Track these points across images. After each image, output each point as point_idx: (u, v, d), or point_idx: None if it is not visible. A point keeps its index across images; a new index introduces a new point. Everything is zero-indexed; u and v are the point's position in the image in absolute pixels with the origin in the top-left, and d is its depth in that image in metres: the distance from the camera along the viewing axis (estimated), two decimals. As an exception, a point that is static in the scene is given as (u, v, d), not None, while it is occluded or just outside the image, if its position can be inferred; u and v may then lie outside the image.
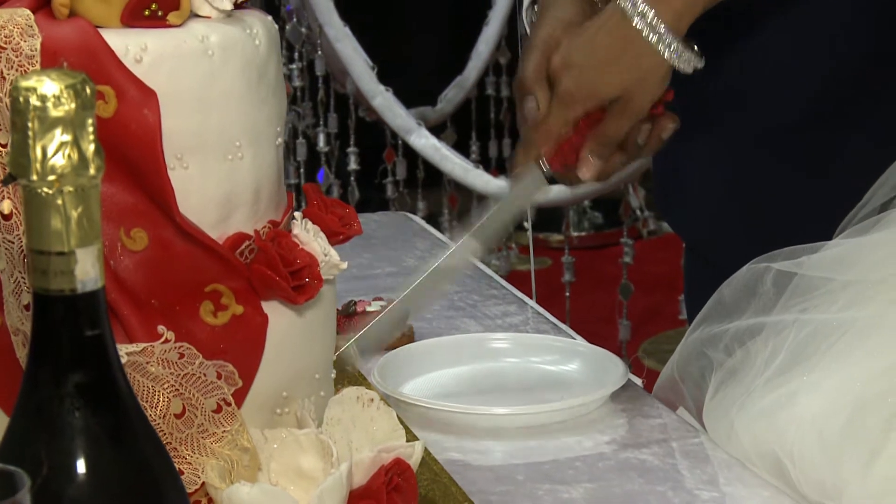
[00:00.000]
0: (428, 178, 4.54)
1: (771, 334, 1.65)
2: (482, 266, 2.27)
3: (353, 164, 4.58)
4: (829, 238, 1.70)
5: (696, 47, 1.69)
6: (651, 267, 4.26)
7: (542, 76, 1.71)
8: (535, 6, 1.82)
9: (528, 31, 1.83)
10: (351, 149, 4.57)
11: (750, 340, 1.67)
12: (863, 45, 1.88)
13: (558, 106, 1.70)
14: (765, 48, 1.88)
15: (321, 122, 4.60)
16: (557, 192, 3.82)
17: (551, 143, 1.71)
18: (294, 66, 4.53)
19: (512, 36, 4.47)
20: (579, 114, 1.70)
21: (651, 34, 1.66)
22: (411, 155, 4.45)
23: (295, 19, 4.46)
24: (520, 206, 1.79)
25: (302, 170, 4.58)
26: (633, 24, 1.66)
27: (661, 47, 1.66)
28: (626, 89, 1.69)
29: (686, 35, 1.70)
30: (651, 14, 1.65)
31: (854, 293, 1.62)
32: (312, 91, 4.59)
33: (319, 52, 4.46)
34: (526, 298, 2.17)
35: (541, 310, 2.13)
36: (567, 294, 4.08)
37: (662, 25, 1.66)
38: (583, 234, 5.34)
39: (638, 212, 4.51)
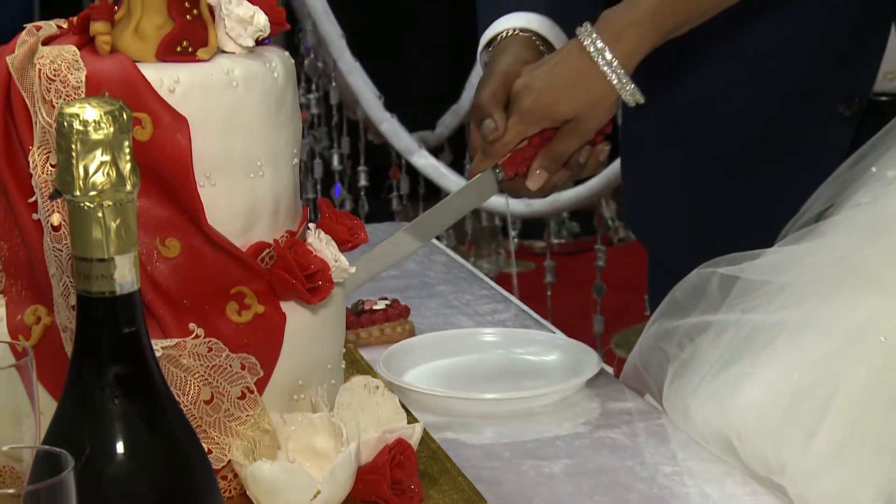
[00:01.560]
0: (428, 193, 4.53)
1: (717, 331, 1.64)
2: (474, 269, 2.26)
3: (363, 181, 4.59)
4: (771, 245, 1.70)
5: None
6: (621, 270, 4.26)
7: (498, 101, 1.73)
8: (489, 49, 1.83)
9: (482, 69, 1.84)
10: (361, 168, 4.57)
11: (698, 336, 1.67)
12: (801, 77, 1.86)
13: (518, 122, 1.72)
14: (714, 80, 1.87)
15: (335, 145, 4.60)
16: (539, 204, 3.83)
17: (507, 154, 1.72)
18: (311, 95, 4.53)
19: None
20: (535, 131, 1.72)
21: (606, 68, 1.68)
22: (413, 173, 4.45)
23: (312, 55, 4.46)
24: (472, 202, 1.80)
25: (318, 186, 4.59)
26: (591, 58, 1.68)
27: (613, 80, 1.69)
28: (579, 113, 1.71)
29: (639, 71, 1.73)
30: (607, 51, 1.68)
31: (789, 295, 1.61)
32: (327, 118, 4.59)
33: (333, 84, 4.46)
34: (512, 297, 2.16)
35: (525, 307, 2.12)
36: (548, 293, 4.08)
37: (616, 61, 1.68)
38: (562, 241, 5.35)
39: (610, 222, 4.51)
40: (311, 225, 1.56)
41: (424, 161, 4.31)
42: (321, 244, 1.52)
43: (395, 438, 1.44)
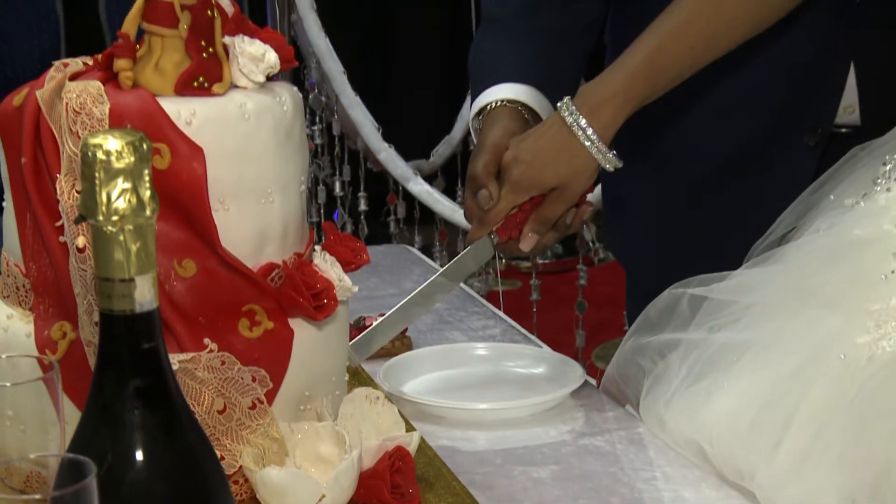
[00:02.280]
0: (423, 217, 4.53)
1: (686, 348, 1.64)
2: (466, 288, 2.26)
3: (362, 206, 4.59)
4: (741, 265, 1.70)
5: (615, 152, 1.72)
6: (601, 288, 4.24)
7: (490, 172, 1.74)
8: (480, 117, 1.84)
9: (474, 136, 1.85)
10: (361, 193, 4.57)
11: (669, 353, 1.67)
12: (769, 111, 1.86)
13: (509, 192, 1.73)
14: (687, 115, 1.87)
15: (337, 172, 4.60)
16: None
17: (501, 221, 1.73)
18: (316, 127, 4.53)
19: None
20: (525, 199, 1.73)
21: (586, 141, 1.70)
22: (409, 198, 4.45)
23: (316, 90, 4.46)
24: (471, 266, 1.81)
25: (322, 210, 4.59)
26: (572, 132, 1.69)
27: (593, 151, 1.70)
28: (564, 182, 1.72)
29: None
30: (586, 125, 1.69)
31: (754, 314, 1.62)
32: (330, 147, 4.59)
33: (336, 117, 4.46)
34: (502, 314, 2.16)
35: (513, 323, 2.12)
36: (534, 310, 4.07)
37: (595, 134, 1.69)
38: (547, 261, 5.35)
39: (591, 244, 4.50)
40: (316, 247, 1.56)
41: (419, 188, 4.31)
42: (326, 265, 1.53)
43: (395, 446, 1.43)
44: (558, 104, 1.72)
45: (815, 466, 1.45)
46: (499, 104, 1.82)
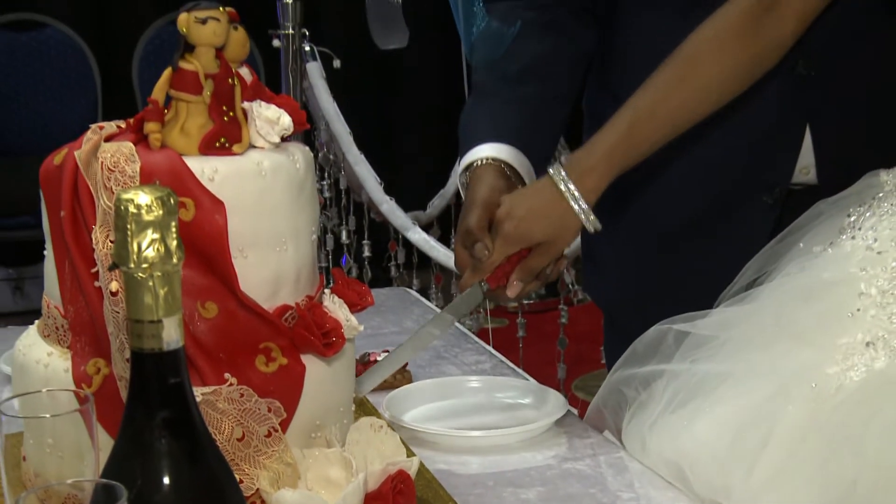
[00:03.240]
0: (420, 263, 4.53)
1: (669, 378, 1.64)
2: (459, 326, 2.25)
3: (366, 252, 4.60)
4: (708, 308, 1.70)
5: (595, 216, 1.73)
6: (580, 326, 4.24)
7: (483, 227, 1.73)
8: (467, 173, 1.83)
9: (461, 189, 1.85)
10: (365, 241, 4.58)
11: (654, 382, 1.65)
12: (732, 173, 1.87)
13: (501, 244, 1.72)
14: (658, 176, 1.87)
15: (344, 222, 4.61)
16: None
17: (491, 271, 1.73)
18: (325, 182, 4.54)
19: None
20: (515, 251, 1.73)
21: (573, 203, 1.70)
22: (408, 246, 4.45)
23: (325, 149, 4.47)
24: (463, 310, 1.79)
25: (330, 256, 4.60)
26: (562, 194, 1.70)
27: (578, 213, 1.70)
28: (550, 237, 1.72)
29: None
30: (574, 189, 1.69)
31: (733, 348, 1.61)
32: (337, 200, 4.61)
33: (343, 173, 4.47)
34: (492, 350, 2.15)
35: (502, 358, 2.11)
36: (521, 346, 4.07)
37: (581, 198, 1.70)
38: (531, 301, 5.35)
39: (570, 286, 4.51)
40: (326, 290, 1.56)
41: (417, 236, 4.31)
42: (335, 306, 1.53)
43: (397, 469, 1.42)
44: (550, 170, 1.72)
45: (788, 483, 1.45)
46: (484, 162, 1.82)
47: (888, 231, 1.57)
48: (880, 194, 1.63)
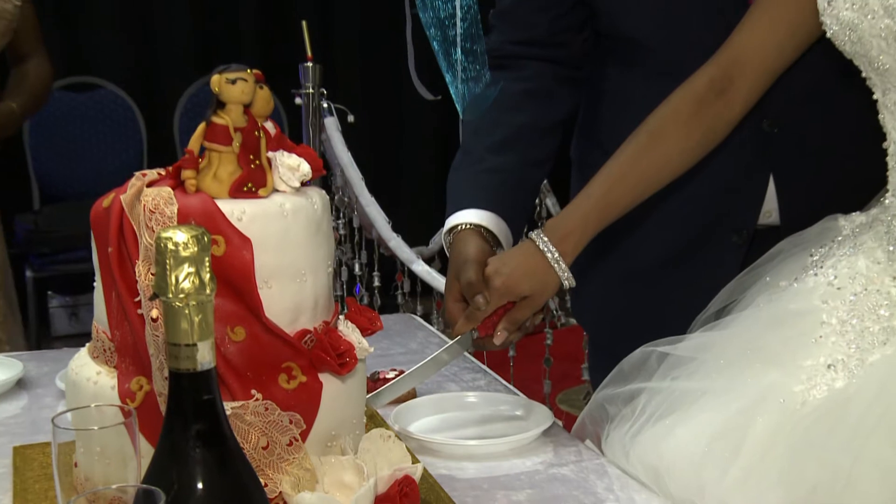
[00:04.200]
0: (423, 291, 4.51)
1: (650, 394, 1.63)
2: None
3: (376, 282, 4.58)
4: (682, 334, 1.70)
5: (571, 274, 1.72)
6: (563, 347, 4.23)
7: (482, 281, 1.72)
8: (450, 235, 1.83)
9: (446, 248, 1.84)
10: (375, 273, 4.57)
11: (636, 398, 1.64)
12: (704, 217, 1.87)
13: (494, 296, 1.70)
14: (637, 219, 1.86)
15: (356, 256, 4.60)
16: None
17: (482, 320, 1.71)
18: (340, 221, 4.53)
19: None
20: (502, 304, 1.71)
21: (553, 263, 1.69)
22: (413, 277, 4.44)
23: (340, 193, 4.47)
24: (455, 354, 1.78)
25: (344, 286, 4.59)
26: (544, 256, 1.69)
27: (558, 271, 1.69)
28: (533, 292, 1.70)
29: None
30: (554, 251, 1.69)
31: (709, 367, 1.61)
32: (351, 237, 4.60)
33: (355, 213, 4.46)
34: (486, 368, 2.14)
35: (496, 376, 2.10)
36: (511, 364, 4.05)
37: (560, 259, 1.69)
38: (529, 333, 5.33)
39: (555, 311, 4.49)
40: (341, 316, 1.55)
41: (421, 268, 4.29)
42: (348, 330, 1.52)
43: (403, 475, 1.41)
44: (532, 235, 1.72)
45: (756, 486, 1.44)
46: (466, 227, 1.81)
47: (846, 270, 1.58)
48: (839, 238, 1.64)
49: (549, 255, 1.69)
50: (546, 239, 1.70)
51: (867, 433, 1.39)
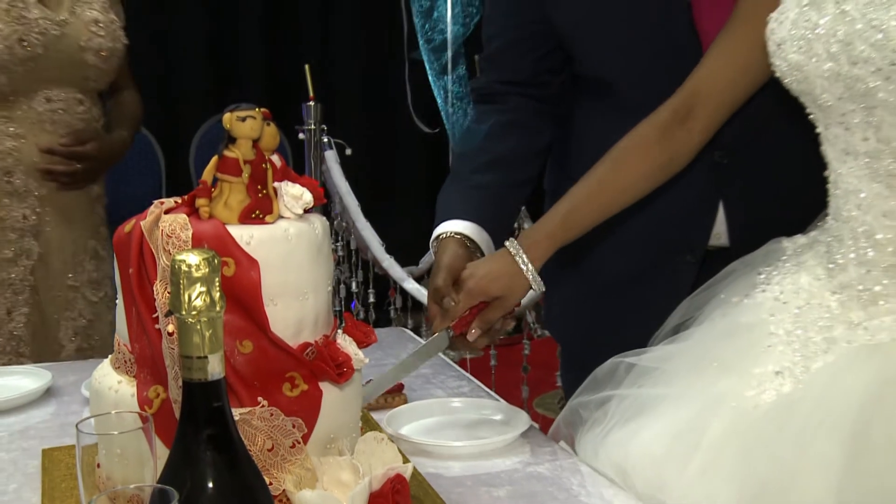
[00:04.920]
0: (414, 307, 4.51)
1: (620, 399, 1.63)
2: (445, 357, 2.22)
3: (371, 299, 4.58)
4: (643, 346, 1.70)
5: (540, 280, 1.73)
6: (539, 356, 4.23)
7: (450, 284, 1.73)
8: (436, 242, 1.84)
9: (433, 253, 1.84)
10: (370, 290, 4.57)
11: (606, 404, 1.64)
12: (661, 238, 1.87)
13: (465, 297, 1.72)
14: (599, 240, 1.87)
15: (353, 276, 4.60)
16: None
17: (457, 319, 1.72)
18: (338, 243, 4.54)
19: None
20: (475, 303, 1.72)
21: (524, 267, 1.70)
22: (405, 294, 4.43)
23: (339, 218, 4.46)
24: (433, 352, 1.78)
25: (342, 302, 4.59)
26: (515, 261, 1.71)
27: (528, 275, 1.71)
28: (504, 294, 1.72)
29: None
30: (525, 256, 1.71)
31: (671, 375, 1.61)
32: (348, 258, 4.60)
33: (353, 236, 4.46)
34: (469, 376, 2.13)
35: (478, 383, 2.09)
36: (493, 372, 4.05)
37: (530, 264, 1.71)
38: (501, 337, 5.33)
39: (532, 325, 4.49)
40: (339, 330, 1.54)
41: (411, 285, 4.30)
42: (346, 343, 1.51)
43: (395, 473, 1.40)
44: (506, 242, 1.73)
45: (713, 480, 1.43)
46: (450, 234, 1.82)
47: (791, 286, 1.58)
48: (784, 257, 1.65)
49: (519, 260, 1.70)
50: (518, 245, 1.71)
51: (812, 433, 1.39)
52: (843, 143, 1.49)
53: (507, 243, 1.73)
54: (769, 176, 1.82)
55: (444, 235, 1.82)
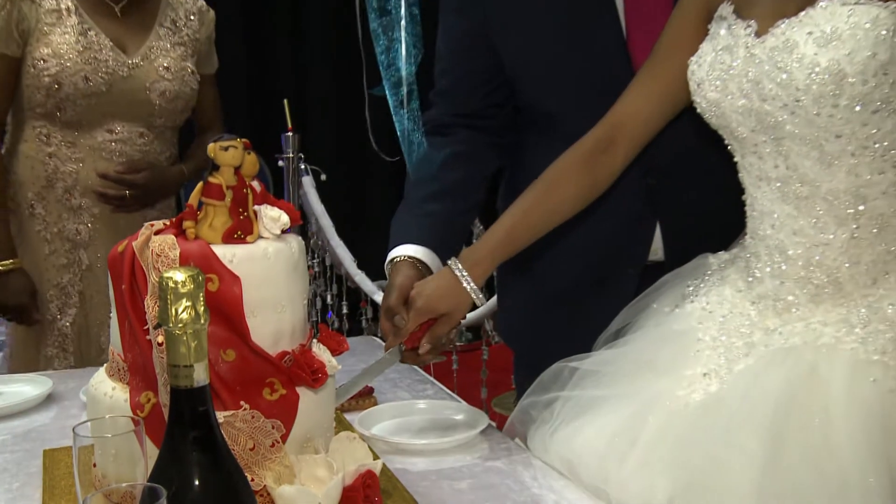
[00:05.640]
0: (383, 317, 4.50)
1: (565, 400, 1.63)
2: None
3: (345, 310, 4.56)
4: (588, 350, 1.70)
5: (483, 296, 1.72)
6: (496, 361, 4.22)
7: (401, 303, 1.71)
8: (390, 265, 1.81)
9: (387, 275, 1.81)
10: (343, 302, 4.55)
11: (553, 404, 1.64)
12: (606, 253, 1.88)
13: (414, 315, 1.69)
14: (549, 252, 1.87)
15: (328, 289, 4.57)
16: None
17: (407, 336, 1.70)
18: (314, 260, 4.51)
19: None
20: (424, 320, 1.70)
21: (466, 285, 1.69)
22: (374, 305, 4.41)
23: (315, 237, 4.44)
24: (386, 366, 1.75)
25: (318, 314, 4.55)
26: (458, 280, 1.69)
27: (470, 293, 1.69)
28: (450, 310, 1.70)
29: None
30: (467, 275, 1.69)
31: (610, 378, 1.61)
32: (324, 273, 4.57)
33: (327, 253, 4.44)
34: (433, 379, 2.12)
35: (441, 386, 2.08)
36: (455, 376, 4.03)
37: (472, 282, 1.69)
38: (462, 343, 5.32)
39: (489, 332, 4.48)
40: (314, 340, 1.53)
41: (381, 298, 4.29)
42: (320, 351, 1.50)
43: (366, 469, 1.39)
44: (449, 261, 1.71)
45: (649, 473, 1.43)
46: (402, 258, 1.80)
47: (716, 297, 1.60)
48: (709, 272, 1.67)
49: (462, 279, 1.69)
50: (460, 266, 1.70)
51: (736, 428, 1.40)
52: (758, 171, 1.51)
53: (450, 262, 1.71)
54: (697, 199, 1.83)
55: (398, 259, 1.80)
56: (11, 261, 2.54)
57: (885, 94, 1.36)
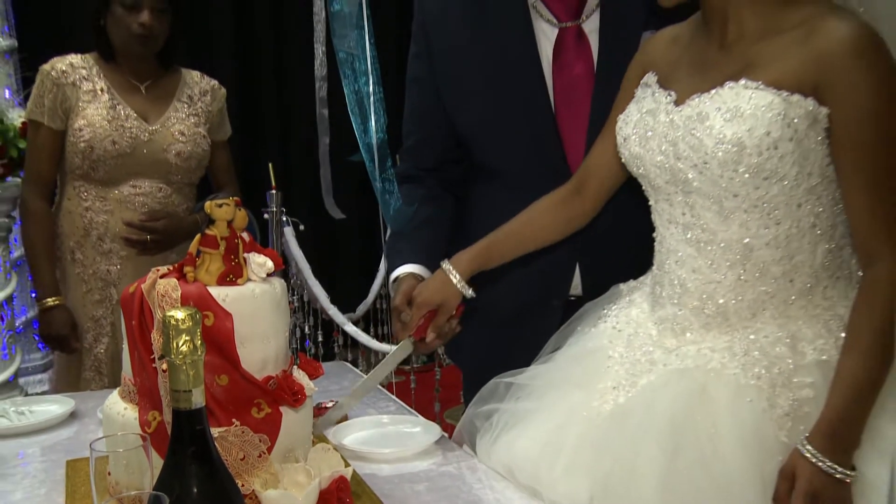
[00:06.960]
0: (353, 344, 4.46)
1: (502, 412, 1.62)
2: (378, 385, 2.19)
3: (320, 338, 4.51)
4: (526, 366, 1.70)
5: (472, 289, 1.74)
6: (448, 379, 4.19)
7: (406, 303, 1.73)
8: (394, 282, 1.83)
9: (392, 292, 1.83)
10: (319, 332, 4.50)
11: (492, 415, 1.63)
12: (535, 288, 1.88)
13: (415, 309, 1.72)
14: (497, 288, 1.87)
15: (306, 321, 4.53)
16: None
17: (414, 328, 1.72)
18: (294, 297, 4.47)
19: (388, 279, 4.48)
20: (424, 312, 1.72)
21: (453, 277, 1.72)
22: (345, 334, 4.38)
23: (295, 278, 4.41)
24: (399, 358, 1.76)
25: (298, 343, 4.51)
26: (448, 276, 1.72)
27: (456, 283, 1.72)
28: (443, 301, 1.72)
29: None
30: (455, 272, 1.72)
31: (538, 391, 1.61)
32: (303, 307, 4.53)
33: (305, 291, 4.40)
34: (394, 397, 2.10)
35: (401, 403, 2.05)
36: (412, 393, 4.01)
37: (458, 276, 1.72)
38: (419, 365, 5.29)
39: (441, 356, 4.47)
40: (294, 366, 1.51)
41: (350, 328, 4.24)
42: (300, 376, 1.48)
43: (339, 475, 1.38)
44: (441, 263, 1.76)
45: (574, 475, 1.43)
46: (404, 275, 1.83)
47: (624, 318, 1.61)
48: (619, 299, 1.68)
49: (450, 274, 1.72)
50: (450, 266, 1.74)
51: (642, 435, 1.40)
52: (668, 215, 1.52)
53: (441, 263, 1.75)
54: (614, 244, 1.84)
55: (401, 275, 1.84)
56: (55, 298, 2.55)
57: (775, 165, 1.38)
